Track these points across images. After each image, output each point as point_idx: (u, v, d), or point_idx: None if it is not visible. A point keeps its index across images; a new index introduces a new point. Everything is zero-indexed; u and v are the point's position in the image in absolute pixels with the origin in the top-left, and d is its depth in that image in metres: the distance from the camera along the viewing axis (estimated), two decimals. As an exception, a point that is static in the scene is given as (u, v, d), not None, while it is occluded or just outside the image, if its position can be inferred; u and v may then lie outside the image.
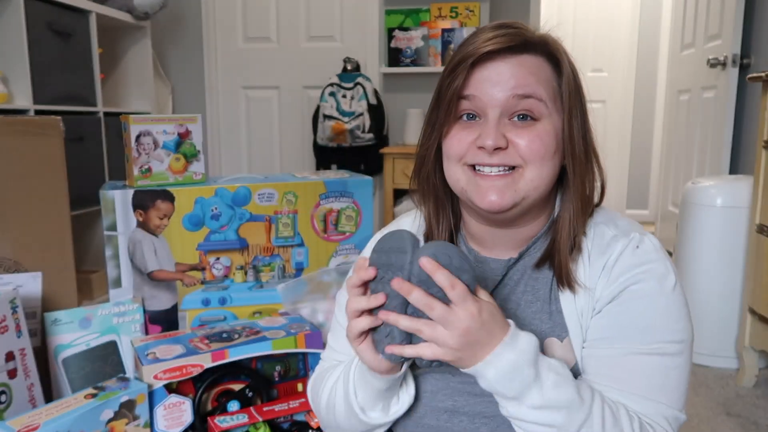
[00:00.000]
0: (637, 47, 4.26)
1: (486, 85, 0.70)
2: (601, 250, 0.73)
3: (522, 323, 0.75)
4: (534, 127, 0.70)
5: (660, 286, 0.70)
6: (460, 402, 0.76)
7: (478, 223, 0.78)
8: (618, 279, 0.71)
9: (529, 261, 0.77)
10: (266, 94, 3.51)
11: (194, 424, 1.08)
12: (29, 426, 0.90)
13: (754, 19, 2.47)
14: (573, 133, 0.71)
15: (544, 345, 0.74)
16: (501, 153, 0.70)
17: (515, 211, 0.72)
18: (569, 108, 0.71)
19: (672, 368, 0.70)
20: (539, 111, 0.70)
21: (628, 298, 0.71)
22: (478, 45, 0.69)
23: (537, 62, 0.71)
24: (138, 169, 1.28)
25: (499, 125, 0.70)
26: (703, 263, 2.00)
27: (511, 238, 0.77)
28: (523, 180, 0.70)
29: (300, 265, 1.38)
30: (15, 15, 2.17)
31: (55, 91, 2.37)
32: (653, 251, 0.72)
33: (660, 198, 3.58)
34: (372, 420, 0.76)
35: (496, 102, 0.70)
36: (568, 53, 0.73)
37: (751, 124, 2.45)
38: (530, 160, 0.70)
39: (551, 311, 0.75)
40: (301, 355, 1.22)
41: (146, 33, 3.07)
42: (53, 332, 1.19)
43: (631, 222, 0.77)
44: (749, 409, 1.76)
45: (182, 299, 1.31)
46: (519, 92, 0.69)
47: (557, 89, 0.72)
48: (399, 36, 3.13)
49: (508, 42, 0.69)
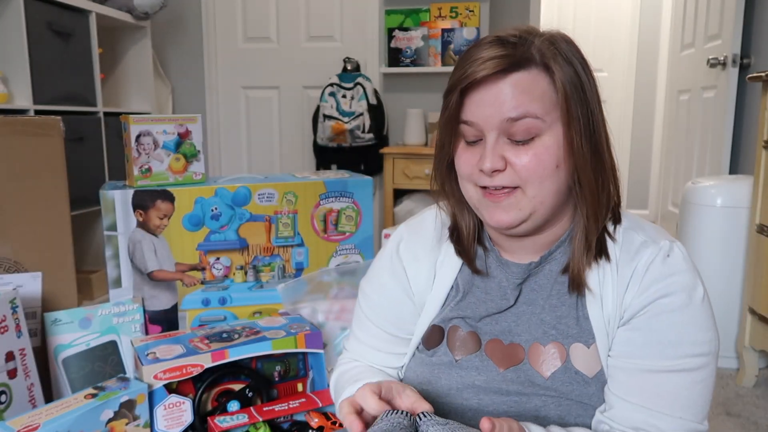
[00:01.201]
0: (637, 47, 4.26)
1: (480, 109, 0.70)
2: (630, 256, 0.73)
3: (547, 327, 0.76)
4: (533, 145, 0.70)
5: (689, 299, 0.71)
6: (485, 401, 0.76)
7: (495, 232, 0.79)
8: (648, 289, 0.71)
9: (555, 266, 0.77)
10: (266, 94, 3.51)
11: (194, 424, 1.08)
12: (29, 426, 0.90)
13: (754, 19, 2.47)
14: (573, 144, 0.70)
15: (569, 350, 0.74)
16: (500, 174, 0.71)
17: (527, 225, 0.73)
18: (567, 118, 0.70)
19: (698, 382, 0.70)
20: (536, 128, 0.69)
21: (658, 312, 0.71)
22: (472, 69, 0.69)
23: (529, 78, 0.70)
24: (138, 169, 1.28)
25: (496, 147, 0.70)
26: (703, 263, 2.00)
27: (532, 244, 0.77)
28: (525, 198, 0.71)
29: (300, 265, 1.38)
30: (15, 15, 2.17)
31: (55, 91, 2.37)
32: (682, 261, 0.72)
33: (660, 198, 3.58)
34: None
35: (491, 126, 0.70)
36: (572, 51, 0.71)
37: (751, 124, 2.45)
38: (528, 179, 0.70)
39: (578, 317, 0.75)
40: (301, 355, 1.22)
41: (146, 33, 3.07)
42: (53, 332, 1.19)
43: (658, 228, 0.77)
44: (749, 409, 1.76)
45: (182, 299, 1.31)
46: (512, 115, 0.69)
47: (556, 98, 0.71)
48: (399, 36, 3.13)
49: (498, 66, 0.68)
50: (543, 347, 0.76)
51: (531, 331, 0.77)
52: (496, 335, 0.78)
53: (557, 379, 0.74)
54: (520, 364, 0.76)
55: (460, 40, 3.05)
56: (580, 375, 0.74)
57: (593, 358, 0.74)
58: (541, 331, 0.76)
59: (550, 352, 0.75)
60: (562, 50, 0.70)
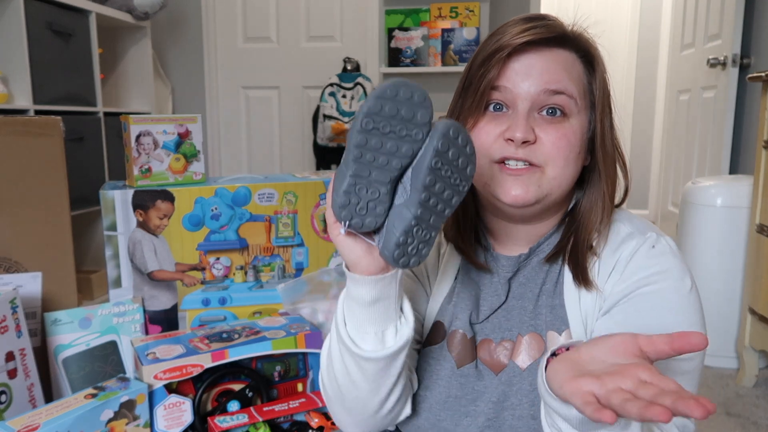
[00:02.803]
0: (637, 47, 4.26)
1: (518, 77, 0.69)
2: (613, 247, 0.72)
3: (528, 317, 0.75)
4: (562, 125, 0.69)
5: (675, 287, 0.68)
6: (480, 407, 0.75)
7: (494, 218, 0.77)
8: (630, 278, 0.69)
9: (540, 256, 0.77)
10: (266, 94, 3.51)
11: (194, 424, 1.08)
12: (29, 426, 0.90)
13: (754, 19, 2.47)
14: (605, 132, 0.70)
15: (546, 339, 0.74)
16: (528, 147, 0.69)
17: (537, 207, 0.71)
18: (602, 107, 0.70)
19: (683, 373, 0.68)
20: (569, 108, 0.69)
21: (640, 299, 0.68)
22: (513, 36, 0.68)
23: (570, 58, 0.70)
24: (138, 169, 1.28)
25: (528, 118, 0.69)
26: (703, 263, 2.00)
27: (526, 233, 0.77)
28: (545, 178, 0.69)
29: (300, 265, 1.38)
30: (15, 15, 2.17)
31: (55, 91, 2.37)
32: (670, 253, 0.70)
33: (660, 198, 3.58)
34: (365, 353, 0.66)
35: (527, 95, 0.69)
36: (601, 54, 0.73)
37: (751, 124, 2.45)
38: (554, 158, 0.68)
39: (553, 305, 0.74)
40: (301, 355, 1.22)
41: (146, 33, 3.07)
42: (53, 332, 1.19)
43: (647, 223, 0.76)
44: (749, 409, 1.76)
45: (182, 299, 1.31)
46: (551, 87, 0.68)
47: (587, 87, 0.71)
48: (399, 36, 3.13)
49: (545, 34, 0.68)
50: (522, 338, 0.75)
51: (520, 325, 0.76)
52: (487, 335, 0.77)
53: (533, 370, 0.73)
54: (510, 362, 0.75)
55: (460, 40, 3.05)
56: None
57: None
58: (523, 323, 0.76)
59: (530, 344, 0.74)
60: (596, 45, 0.72)
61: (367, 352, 0.67)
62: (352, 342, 0.67)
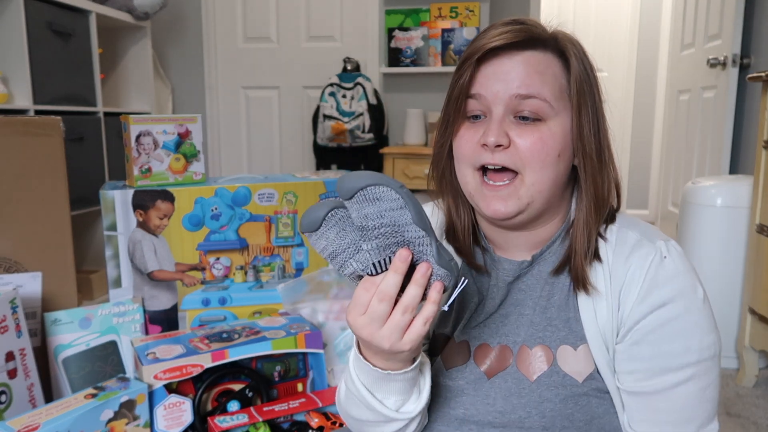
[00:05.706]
0: (637, 47, 4.26)
1: (490, 82, 0.69)
2: (623, 255, 0.72)
3: (536, 329, 0.75)
4: (538, 128, 0.69)
5: (690, 303, 0.69)
6: (471, 411, 0.75)
7: (490, 225, 0.77)
8: (648, 297, 0.69)
9: (545, 266, 0.76)
10: (266, 94, 3.51)
11: (194, 424, 1.08)
12: (29, 426, 0.90)
13: (754, 19, 2.47)
14: (583, 132, 0.70)
15: (556, 353, 0.73)
16: (503, 151, 0.69)
17: (523, 216, 0.71)
18: (578, 105, 0.70)
19: (706, 387, 0.70)
20: (543, 112, 0.69)
21: (660, 322, 0.69)
22: (485, 41, 0.68)
23: (544, 59, 0.70)
24: (138, 169, 1.28)
25: (502, 123, 0.69)
26: (703, 263, 2.00)
27: (525, 240, 0.76)
28: (524, 186, 0.69)
29: (300, 265, 1.38)
30: (15, 15, 2.17)
31: (55, 91, 2.37)
32: (680, 260, 0.71)
33: (660, 198, 3.58)
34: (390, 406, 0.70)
35: (499, 99, 0.69)
36: (582, 49, 0.72)
37: (751, 124, 2.45)
38: (530, 162, 0.68)
39: (568, 318, 0.74)
40: (301, 355, 1.22)
41: (146, 33, 3.07)
42: (53, 332, 1.19)
43: (653, 228, 0.76)
44: (749, 409, 1.76)
45: (182, 299, 1.31)
46: (522, 92, 0.68)
47: (566, 87, 0.70)
48: (399, 36, 3.13)
49: (513, 38, 0.68)
50: (530, 350, 0.75)
51: (519, 332, 0.76)
52: (485, 339, 0.77)
53: (542, 382, 0.73)
54: (508, 368, 0.75)
55: (460, 40, 3.05)
56: (568, 378, 0.72)
57: (582, 361, 0.72)
58: (528, 334, 0.75)
59: (537, 356, 0.74)
60: (574, 42, 0.71)
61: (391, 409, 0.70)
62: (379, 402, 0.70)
